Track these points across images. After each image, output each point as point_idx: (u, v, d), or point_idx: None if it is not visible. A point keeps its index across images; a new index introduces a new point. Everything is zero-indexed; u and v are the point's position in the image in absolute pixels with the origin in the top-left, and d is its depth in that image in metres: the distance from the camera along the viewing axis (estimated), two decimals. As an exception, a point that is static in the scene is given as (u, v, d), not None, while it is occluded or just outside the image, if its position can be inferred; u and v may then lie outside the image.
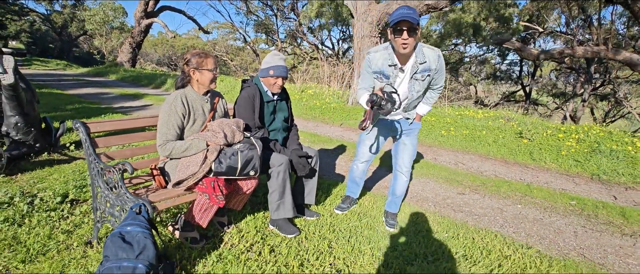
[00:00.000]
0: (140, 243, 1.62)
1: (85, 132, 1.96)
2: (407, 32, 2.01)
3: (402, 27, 2.02)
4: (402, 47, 2.08)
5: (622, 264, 2.45)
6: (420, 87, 2.29)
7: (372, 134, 2.59)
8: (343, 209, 2.85)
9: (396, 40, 2.08)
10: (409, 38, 2.03)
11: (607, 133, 6.46)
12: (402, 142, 2.56)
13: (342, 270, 2.01)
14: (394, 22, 2.03)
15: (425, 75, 2.24)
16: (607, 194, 3.98)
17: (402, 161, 2.58)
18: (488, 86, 29.09)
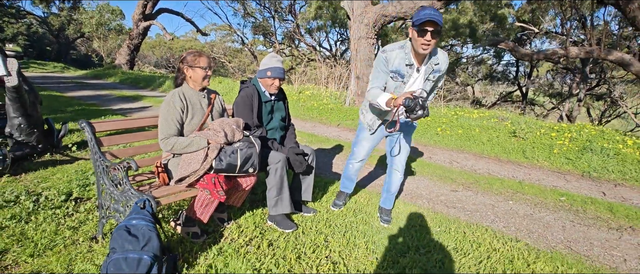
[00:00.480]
0: (145, 236, 1.71)
1: (90, 131, 2.04)
2: (431, 33, 2.02)
3: (428, 28, 2.01)
4: (423, 47, 2.08)
5: (607, 256, 2.55)
6: (428, 87, 2.35)
7: (371, 136, 2.62)
8: (339, 206, 2.92)
9: (418, 39, 2.06)
10: (432, 39, 2.04)
11: (599, 132, 6.58)
12: (398, 142, 2.60)
13: (338, 262, 2.10)
14: (419, 21, 2.01)
15: (436, 76, 2.30)
16: (597, 190, 4.09)
17: (398, 160, 2.63)
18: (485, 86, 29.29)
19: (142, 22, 19.21)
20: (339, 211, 2.88)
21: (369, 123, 2.57)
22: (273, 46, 25.94)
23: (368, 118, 2.57)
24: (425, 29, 2.01)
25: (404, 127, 2.56)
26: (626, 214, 3.32)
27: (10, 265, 1.89)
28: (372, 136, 2.62)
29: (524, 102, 24.97)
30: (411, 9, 7.40)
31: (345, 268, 2.05)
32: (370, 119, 2.55)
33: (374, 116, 2.52)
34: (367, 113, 2.58)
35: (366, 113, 2.58)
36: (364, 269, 2.05)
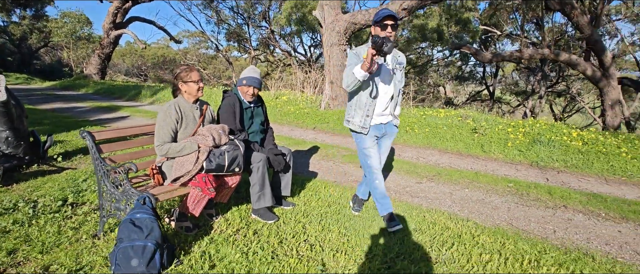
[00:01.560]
0: (148, 226, 2.00)
1: (91, 139, 2.31)
2: (391, 26, 2.44)
3: (388, 22, 2.44)
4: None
5: (541, 229, 3.04)
6: (399, 77, 2.70)
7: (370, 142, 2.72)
8: (397, 223, 2.69)
9: (381, 33, 2.47)
10: (392, 31, 2.46)
11: (549, 126, 7.31)
12: (385, 144, 2.87)
13: (314, 244, 2.46)
14: (380, 17, 2.44)
15: (402, 66, 2.72)
16: (542, 177, 4.66)
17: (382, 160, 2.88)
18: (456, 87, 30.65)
19: (113, 31, 18.91)
20: (315, 203, 3.24)
21: (360, 124, 2.67)
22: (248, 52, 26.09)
23: (357, 121, 2.68)
24: (385, 23, 2.43)
25: (391, 130, 2.81)
26: (562, 195, 3.88)
27: (22, 261, 2.12)
28: (370, 138, 2.71)
29: (491, 100, 26.35)
30: (379, 17, 7.90)
31: (320, 248, 2.41)
32: (359, 120, 2.67)
33: (361, 114, 2.65)
34: (354, 117, 2.69)
35: (353, 117, 2.71)
36: (336, 248, 2.42)
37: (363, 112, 2.64)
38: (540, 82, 21.70)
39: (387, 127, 2.79)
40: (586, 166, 5.05)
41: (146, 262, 1.94)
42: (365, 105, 2.62)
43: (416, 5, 7.59)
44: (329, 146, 5.90)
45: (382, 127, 2.76)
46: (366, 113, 2.64)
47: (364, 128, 2.67)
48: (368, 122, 2.65)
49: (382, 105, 2.68)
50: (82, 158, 4.42)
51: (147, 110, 9.58)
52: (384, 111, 2.71)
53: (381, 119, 2.73)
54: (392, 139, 2.89)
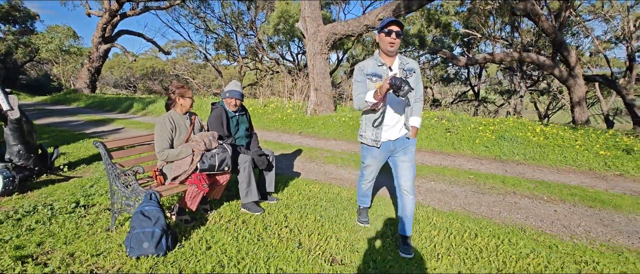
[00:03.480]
0: (155, 216, 2.47)
1: (103, 148, 2.77)
2: (396, 33, 2.37)
3: (392, 29, 2.37)
4: (390, 45, 2.40)
5: (489, 212, 3.57)
6: (411, 83, 2.44)
7: (371, 160, 2.68)
8: (365, 222, 3.06)
9: (385, 39, 2.40)
10: (396, 38, 2.38)
11: (518, 123, 7.92)
12: (401, 160, 2.59)
13: (294, 229, 2.95)
14: (385, 23, 2.38)
15: (412, 72, 2.53)
16: (502, 169, 5.22)
17: (406, 181, 2.57)
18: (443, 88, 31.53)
19: (103, 44, 19.22)
20: (296, 198, 3.73)
21: (372, 138, 2.58)
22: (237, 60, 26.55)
23: (369, 135, 2.59)
24: (390, 29, 2.37)
25: (404, 145, 2.58)
26: (513, 183, 4.44)
27: (49, 251, 2.56)
28: (377, 157, 2.65)
29: (477, 100, 27.24)
30: (357, 27, 8.49)
31: (298, 231, 2.90)
32: (371, 133, 2.58)
33: (373, 129, 2.56)
34: (367, 131, 2.61)
35: (366, 131, 2.62)
36: (312, 231, 2.91)
37: (374, 128, 2.57)
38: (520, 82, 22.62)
39: (396, 143, 2.58)
40: (542, 158, 5.64)
41: (155, 244, 2.41)
42: (376, 118, 2.54)
43: (392, 15, 8.18)
44: (312, 149, 6.40)
45: (390, 144, 2.58)
46: (378, 129, 2.56)
47: (376, 141, 2.57)
48: (380, 135, 2.55)
49: (394, 117, 2.53)
50: (85, 168, 4.84)
51: (140, 121, 9.96)
52: (395, 123, 2.55)
53: (390, 135, 2.56)
54: (409, 155, 2.59)
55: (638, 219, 3.37)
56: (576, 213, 3.51)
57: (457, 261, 2.49)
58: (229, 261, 2.41)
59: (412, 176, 2.59)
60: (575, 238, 2.97)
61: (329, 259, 2.49)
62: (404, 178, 2.59)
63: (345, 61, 24.86)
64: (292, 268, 2.36)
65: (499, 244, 2.73)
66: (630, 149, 5.60)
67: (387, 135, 2.58)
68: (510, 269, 2.37)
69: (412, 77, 2.53)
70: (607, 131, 7.44)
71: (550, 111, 27.66)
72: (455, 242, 2.77)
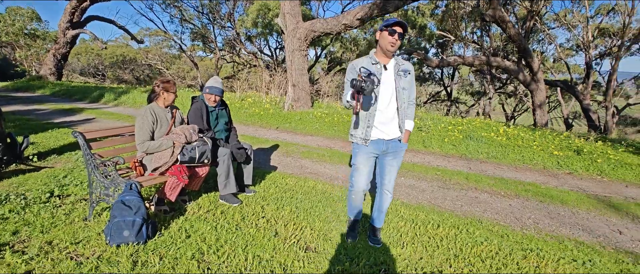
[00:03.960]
0: (136, 205, 2.55)
1: (82, 138, 2.80)
2: (399, 35, 2.32)
3: (396, 29, 2.31)
4: (391, 45, 2.34)
5: (452, 205, 3.87)
6: (405, 85, 2.45)
7: (362, 158, 2.54)
8: (355, 236, 2.79)
9: (387, 38, 2.33)
10: (398, 40, 2.33)
11: (484, 124, 8.39)
12: (390, 164, 2.57)
13: (270, 219, 3.10)
14: (390, 23, 2.32)
15: (407, 73, 2.48)
16: (467, 167, 5.59)
17: (388, 181, 2.62)
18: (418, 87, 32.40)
19: (70, 30, 18.34)
20: (273, 191, 3.88)
21: (361, 136, 2.50)
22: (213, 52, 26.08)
23: (359, 133, 2.51)
24: (394, 29, 2.31)
25: (395, 148, 2.54)
26: (476, 180, 4.79)
27: (25, 239, 2.58)
28: (368, 156, 2.53)
29: (449, 100, 28.24)
30: (335, 26, 8.67)
31: (274, 221, 3.05)
32: (361, 132, 2.50)
33: (363, 126, 2.50)
34: (356, 130, 2.53)
35: (355, 130, 2.54)
36: (287, 221, 3.07)
37: (364, 124, 2.48)
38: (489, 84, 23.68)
39: (389, 144, 2.51)
40: (503, 157, 6.07)
41: (135, 233, 2.49)
42: (366, 116, 2.47)
43: (369, 15, 8.42)
44: (289, 144, 6.55)
45: (382, 143, 2.50)
46: (367, 125, 2.47)
47: (365, 139, 2.48)
48: (369, 133, 2.47)
49: (385, 117, 2.46)
50: (57, 158, 4.75)
51: (112, 112, 9.71)
52: (388, 122, 2.48)
53: (382, 134, 2.49)
54: (398, 160, 2.58)
55: (580, 213, 3.78)
56: (528, 207, 3.88)
57: (420, 248, 2.73)
58: (209, 249, 2.53)
59: (394, 178, 2.64)
60: (525, 228, 3.31)
61: (304, 247, 2.67)
62: (387, 179, 2.62)
63: (324, 57, 25.05)
64: (268, 254, 2.52)
65: (458, 234, 3.01)
66: (580, 150, 6.13)
67: (379, 134, 2.50)
68: (466, 255, 2.64)
69: (407, 78, 2.48)
70: (562, 133, 8.06)
71: (517, 113, 29.18)
72: (419, 232, 3.02)
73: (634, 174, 5.17)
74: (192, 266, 2.31)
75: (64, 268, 2.23)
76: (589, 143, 6.85)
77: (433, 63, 11.74)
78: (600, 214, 3.76)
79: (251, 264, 2.39)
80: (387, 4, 8.00)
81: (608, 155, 5.93)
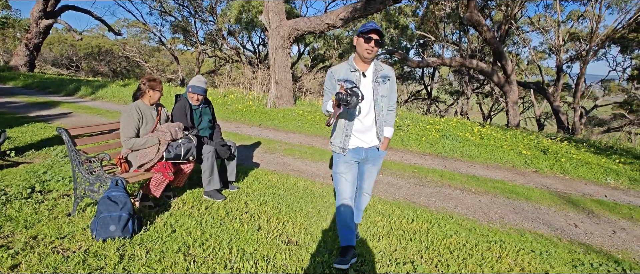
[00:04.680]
0: (122, 201, 2.63)
1: (67, 135, 2.83)
2: (375, 42, 2.28)
3: (372, 36, 2.26)
4: (367, 52, 2.30)
5: (426, 201, 4.10)
6: (384, 92, 2.41)
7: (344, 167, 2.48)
8: (345, 262, 2.43)
9: (363, 45, 2.29)
10: (375, 47, 2.29)
11: (460, 124, 8.74)
12: (368, 170, 2.59)
13: (253, 214, 3.22)
14: (366, 29, 2.28)
15: (386, 79, 2.42)
16: (442, 165, 5.86)
17: (368, 185, 2.66)
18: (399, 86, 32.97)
19: (43, 20, 17.64)
20: (256, 187, 3.99)
21: (340, 145, 2.46)
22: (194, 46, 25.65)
23: (337, 142, 2.47)
24: (370, 37, 2.27)
25: (374, 155, 2.53)
26: (450, 177, 5.06)
27: (9, 234, 2.60)
28: (348, 164, 2.48)
29: (429, 99, 28.91)
30: (318, 25, 8.80)
31: (258, 216, 3.18)
32: (340, 140, 2.46)
33: (341, 134, 2.46)
34: (335, 138, 2.50)
35: (334, 138, 2.51)
36: (270, 216, 3.20)
37: (342, 132, 2.45)
38: (467, 84, 24.42)
39: (368, 152, 2.50)
40: (476, 155, 6.40)
41: (121, 228, 2.56)
42: (344, 125, 2.44)
43: (351, 16, 8.60)
44: (272, 141, 6.66)
45: (361, 151, 2.48)
46: (345, 134, 2.44)
47: (343, 148, 2.45)
48: (347, 142, 2.44)
49: (363, 125, 2.44)
50: (35, 153, 4.68)
51: (90, 106, 9.50)
52: (366, 131, 2.46)
53: (360, 142, 2.47)
54: (377, 166, 2.60)
55: (542, 208, 4.09)
56: (496, 203, 4.16)
57: (395, 241, 2.93)
58: (194, 242, 2.64)
59: (373, 180, 2.68)
60: (491, 222, 3.57)
61: (286, 241, 2.81)
62: (366, 183, 2.65)
63: (307, 54, 25.12)
64: (252, 248, 2.65)
65: (430, 228, 3.23)
66: (547, 150, 6.54)
67: (357, 142, 2.47)
68: (436, 247, 2.85)
69: (385, 84, 2.42)
70: (531, 134, 8.52)
71: (493, 112, 30.25)
72: (394, 226, 3.22)
73: (593, 173, 5.59)
74: (179, 259, 2.41)
75: (50, 261, 2.28)
76: (555, 143, 7.30)
77: (413, 63, 12.07)
78: (559, 209, 4.09)
79: (235, 256, 2.51)
80: (369, 5, 8.19)
81: (571, 154, 6.36)
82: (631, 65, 20.54)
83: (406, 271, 2.50)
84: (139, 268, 2.29)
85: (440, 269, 2.56)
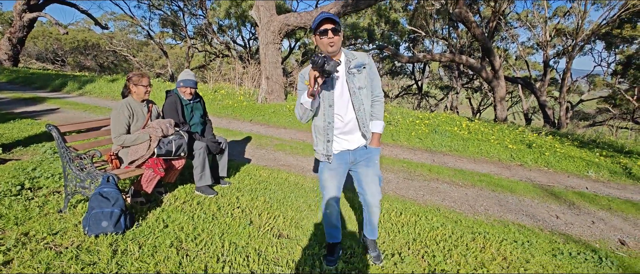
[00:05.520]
0: (114, 197, 2.65)
1: (57, 131, 2.83)
2: (332, 31, 2.05)
3: (326, 27, 2.05)
4: (330, 46, 2.08)
5: (415, 194, 4.20)
6: (361, 83, 2.18)
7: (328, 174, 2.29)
8: (333, 262, 2.46)
9: (322, 40, 2.08)
10: (334, 36, 2.07)
11: (449, 119, 8.88)
12: (363, 173, 2.30)
13: (245, 209, 3.27)
14: (317, 22, 2.07)
15: (361, 68, 2.18)
16: (430, 159, 5.98)
17: (370, 192, 2.33)
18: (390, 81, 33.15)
19: (27, 13, 17.22)
20: (248, 182, 4.04)
21: (323, 152, 2.25)
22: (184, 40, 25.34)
23: (320, 149, 2.27)
24: (325, 29, 2.06)
25: (363, 155, 2.28)
26: (438, 171, 5.17)
27: (0, 231, 2.61)
28: (334, 172, 2.29)
29: (420, 94, 29.14)
30: (309, 21, 8.81)
31: (249, 211, 3.23)
32: (322, 147, 2.25)
33: (322, 140, 2.25)
34: (318, 145, 2.29)
35: (317, 145, 2.30)
36: (261, 211, 3.26)
37: (323, 138, 2.22)
38: (457, 79, 24.70)
39: (356, 153, 2.26)
40: (464, 149, 6.53)
41: (114, 223, 2.59)
42: (324, 129, 2.21)
43: (342, 11, 8.62)
44: (263, 136, 6.69)
45: (348, 155, 2.27)
46: (327, 139, 2.21)
47: (327, 156, 2.24)
48: (331, 148, 2.22)
49: (345, 125, 2.21)
50: (23, 150, 4.64)
51: (77, 102, 9.37)
52: (350, 131, 2.22)
53: (346, 144, 2.24)
54: (371, 166, 2.30)
55: (525, 200, 4.23)
56: (481, 196, 4.29)
57: (384, 234, 3.02)
58: (186, 237, 2.68)
59: (378, 188, 2.32)
60: (476, 215, 3.69)
61: (277, 234, 2.87)
62: (369, 194, 2.32)
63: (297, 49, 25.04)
64: (244, 241, 2.70)
65: (418, 220, 3.32)
66: (532, 144, 6.71)
67: (342, 144, 2.24)
68: (423, 239, 2.95)
69: (361, 73, 2.19)
70: (518, 128, 8.71)
71: (482, 107, 30.71)
72: (383, 219, 3.31)
73: (575, 166, 5.77)
74: (171, 253, 2.46)
75: (43, 257, 2.30)
76: (540, 137, 7.49)
77: (403, 59, 12.17)
78: (542, 201, 4.23)
79: (227, 250, 2.57)
80: (359, 1, 8.22)
81: (555, 148, 6.54)
82: (615, 60, 21.04)
83: (394, 262, 2.58)
84: (132, 262, 2.33)
85: (426, 260, 2.65)
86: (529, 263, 2.71)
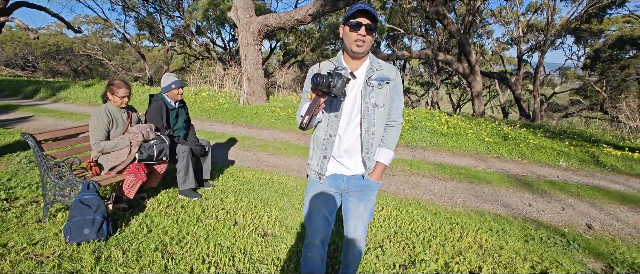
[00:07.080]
0: (95, 204, 2.63)
1: (33, 140, 2.78)
2: (366, 28, 1.62)
3: (361, 21, 1.62)
4: (357, 44, 1.66)
5: (396, 189, 4.32)
6: (378, 100, 1.74)
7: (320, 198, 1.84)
8: None
9: (351, 35, 1.65)
10: (366, 35, 1.63)
11: (429, 114, 9.10)
12: (354, 206, 1.87)
13: (229, 210, 3.30)
14: (351, 12, 1.64)
15: (383, 83, 1.74)
16: (411, 154, 6.14)
17: (353, 228, 1.90)
18: (370, 78, 33.45)
19: (-6, 17, 16.47)
20: (232, 184, 4.06)
21: (316, 169, 1.83)
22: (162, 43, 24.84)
23: (314, 164, 1.85)
24: (359, 22, 1.62)
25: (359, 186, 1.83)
26: (418, 166, 5.32)
27: (-24, 244, 2.55)
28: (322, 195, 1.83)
29: (401, 91, 29.55)
30: (288, 21, 8.84)
31: (234, 212, 3.27)
32: (316, 162, 1.83)
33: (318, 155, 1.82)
34: (312, 158, 1.86)
35: (311, 159, 1.87)
36: (246, 211, 3.29)
37: (320, 152, 1.81)
38: (436, 75, 25.23)
39: (351, 180, 1.83)
40: (443, 144, 6.73)
41: (96, 230, 2.57)
42: (323, 142, 1.80)
43: (321, 11, 8.69)
44: (246, 138, 6.69)
45: (342, 180, 1.83)
46: (324, 154, 1.80)
47: (320, 174, 1.82)
48: (325, 166, 1.81)
49: (345, 143, 1.78)
50: (-4, 161, 4.50)
51: (52, 109, 9.09)
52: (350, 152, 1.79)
53: (342, 168, 1.82)
54: (365, 202, 1.86)
55: (501, 190, 4.42)
56: (459, 188, 4.45)
57: (366, 228, 3.11)
58: (171, 240, 2.69)
59: (365, 227, 1.91)
60: (454, 206, 3.84)
61: (262, 234, 2.92)
62: (352, 225, 1.90)
63: (279, 49, 24.97)
64: (229, 242, 2.74)
65: (399, 214, 3.43)
66: (507, 136, 6.98)
67: (337, 167, 1.83)
68: (404, 231, 3.06)
69: (382, 89, 1.74)
70: (494, 121, 9.02)
71: (462, 102, 31.49)
72: (366, 214, 3.40)
73: (547, 156, 6.05)
74: (156, 257, 2.47)
75: (24, 268, 2.28)
76: (515, 130, 7.79)
77: (383, 56, 12.36)
78: (516, 191, 4.44)
79: (213, 251, 2.60)
80: (338, 1, 8.32)
81: (528, 140, 6.83)
82: (585, 54, 21.98)
83: (376, 255, 2.67)
84: (117, 268, 2.33)
85: (407, 251, 2.76)
86: (503, 249, 2.86)
